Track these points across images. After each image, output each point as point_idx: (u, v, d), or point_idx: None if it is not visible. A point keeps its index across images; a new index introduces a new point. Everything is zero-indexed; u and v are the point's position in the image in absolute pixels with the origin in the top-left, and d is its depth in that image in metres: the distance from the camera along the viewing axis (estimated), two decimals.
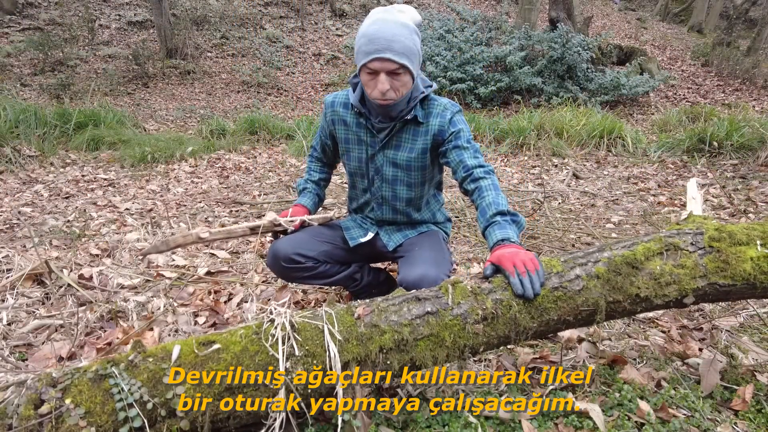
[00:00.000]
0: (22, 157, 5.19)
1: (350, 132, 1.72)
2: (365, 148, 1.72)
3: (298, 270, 1.73)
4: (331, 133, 1.79)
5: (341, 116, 1.72)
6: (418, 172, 1.70)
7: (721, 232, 1.36)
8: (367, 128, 1.67)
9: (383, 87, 1.47)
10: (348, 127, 1.72)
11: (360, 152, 1.74)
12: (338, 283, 1.88)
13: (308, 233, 1.79)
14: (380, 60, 1.43)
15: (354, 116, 1.69)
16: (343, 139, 1.75)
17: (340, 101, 1.72)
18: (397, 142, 1.67)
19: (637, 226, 3.23)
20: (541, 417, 1.29)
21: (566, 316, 1.28)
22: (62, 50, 10.02)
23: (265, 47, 11.64)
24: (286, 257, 1.70)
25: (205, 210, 3.70)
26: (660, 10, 15.68)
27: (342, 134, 1.75)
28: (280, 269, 1.74)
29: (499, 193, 1.46)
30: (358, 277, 1.89)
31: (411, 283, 1.48)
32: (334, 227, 1.88)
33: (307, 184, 1.94)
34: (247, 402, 1.08)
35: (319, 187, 1.96)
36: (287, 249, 1.71)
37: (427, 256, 1.61)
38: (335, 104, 1.73)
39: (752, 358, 1.62)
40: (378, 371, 1.17)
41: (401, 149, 1.67)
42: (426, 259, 1.58)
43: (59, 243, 2.88)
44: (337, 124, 1.74)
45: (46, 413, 0.96)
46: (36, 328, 1.83)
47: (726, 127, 5.12)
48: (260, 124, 6.83)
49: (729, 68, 10.07)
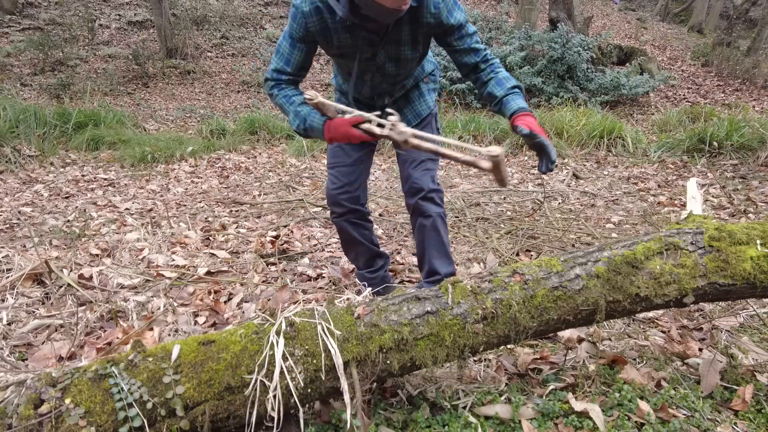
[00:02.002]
0: (22, 157, 5.19)
1: (347, 36, 1.58)
2: (364, 51, 1.62)
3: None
4: (310, 41, 1.60)
5: (328, 24, 1.55)
6: (416, 57, 1.71)
7: (721, 231, 1.36)
8: (361, 33, 1.57)
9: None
10: (339, 35, 1.57)
11: (356, 53, 1.63)
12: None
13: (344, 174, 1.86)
14: None
15: (340, 24, 1.55)
16: (336, 46, 1.61)
17: (316, 7, 1.52)
18: (396, 38, 1.60)
19: (637, 226, 3.23)
20: (541, 417, 1.29)
21: (566, 316, 1.28)
22: (62, 50, 10.02)
23: (265, 47, 11.63)
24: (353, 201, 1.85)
25: (205, 210, 3.70)
26: (660, 10, 15.68)
27: (340, 40, 1.59)
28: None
29: (506, 72, 1.62)
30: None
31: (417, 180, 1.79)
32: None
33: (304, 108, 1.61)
34: (247, 402, 1.08)
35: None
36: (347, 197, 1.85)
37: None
38: (317, 11, 1.53)
39: (752, 358, 1.62)
40: (378, 371, 1.17)
41: (401, 44, 1.62)
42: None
43: (59, 243, 2.88)
44: (325, 33, 1.57)
45: (46, 413, 0.96)
46: (36, 328, 1.83)
47: (726, 127, 5.12)
48: (260, 124, 6.82)
49: (729, 68, 10.07)
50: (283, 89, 1.64)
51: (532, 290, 1.25)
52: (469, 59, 1.63)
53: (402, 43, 1.61)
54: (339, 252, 2.77)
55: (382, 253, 2.06)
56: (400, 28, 1.57)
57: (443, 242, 1.90)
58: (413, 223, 1.94)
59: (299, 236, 3.02)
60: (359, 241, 1.97)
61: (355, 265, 2.05)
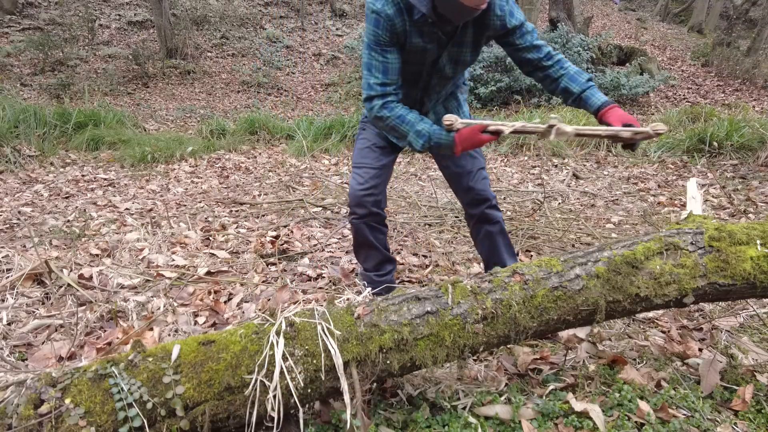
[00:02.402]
0: (22, 157, 5.19)
1: (419, 40, 1.58)
2: (430, 53, 1.62)
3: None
4: (396, 43, 1.57)
5: (406, 27, 1.54)
6: (472, 61, 1.72)
7: (721, 231, 1.36)
8: (434, 33, 1.57)
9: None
10: (418, 36, 1.57)
11: (424, 57, 1.63)
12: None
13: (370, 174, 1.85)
14: None
15: (417, 24, 1.54)
16: (411, 49, 1.59)
17: (398, 5, 1.50)
18: (460, 40, 1.61)
19: (637, 226, 3.23)
20: (541, 417, 1.29)
21: (566, 316, 1.28)
22: (62, 50, 10.03)
23: (265, 47, 11.64)
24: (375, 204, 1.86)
25: (205, 210, 3.70)
26: (660, 10, 15.67)
27: (412, 43, 1.58)
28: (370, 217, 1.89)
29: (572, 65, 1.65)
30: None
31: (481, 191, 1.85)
32: (370, 144, 1.88)
33: (423, 123, 1.59)
34: (247, 402, 1.08)
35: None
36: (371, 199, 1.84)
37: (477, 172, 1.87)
38: (387, 5, 1.50)
39: (752, 359, 1.62)
40: (378, 371, 1.17)
41: (464, 46, 1.63)
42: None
43: (59, 243, 2.88)
44: (403, 35, 1.55)
45: (46, 413, 0.96)
46: (36, 328, 1.83)
47: (726, 127, 5.12)
48: (260, 124, 6.83)
49: (729, 68, 10.07)
50: (392, 109, 1.59)
51: (532, 290, 1.25)
52: (532, 56, 1.64)
53: (465, 45, 1.63)
54: (339, 252, 2.77)
55: (393, 259, 2.07)
56: (465, 30, 1.59)
57: (510, 242, 1.98)
58: (477, 231, 1.97)
59: (299, 236, 3.02)
60: (374, 245, 1.96)
61: (363, 267, 2.04)
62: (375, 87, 1.59)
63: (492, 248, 1.96)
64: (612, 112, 1.53)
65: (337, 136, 6.34)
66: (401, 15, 1.52)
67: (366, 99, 1.63)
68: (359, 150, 1.91)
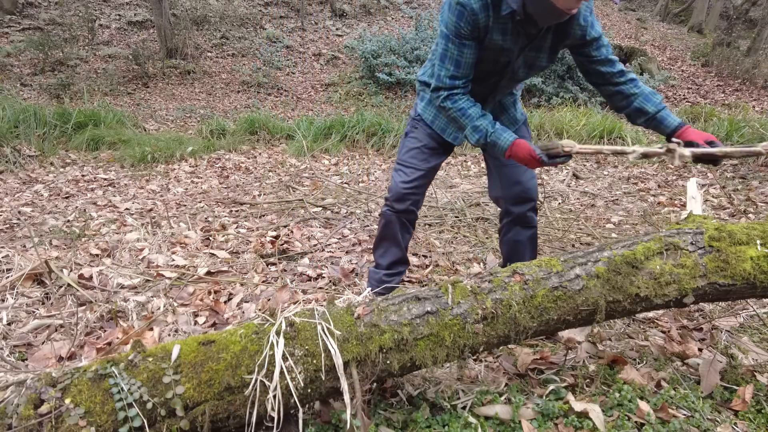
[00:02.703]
0: (22, 157, 5.19)
1: (499, 37, 1.54)
2: (507, 53, 1.59)
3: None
4: (476, 37, 1.53)
5: (489, 23, 1.50)
6: (547, 68, 1.72)
7: (721, 231, 1.36)
8: (517, 33, 1.53)
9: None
10: (500, 33, 1.53)
11: (500, 57, 1.60)
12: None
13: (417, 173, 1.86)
14: None
15: (501, 20, 1.50)
16: (489, 46, 1.55)
17: (484, 3, 1.47)
18: (539, 44, 1.59)
19: (637, 226, 3.23)
20: (541, 417, 1.29)
21: (566, 316, 1.28)
22: (62, 50, 10.02)
23: (265, 47, 11.64)
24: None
25: (205, 210, 3.70)
26: (660, 10, 15.67)
27: (492, 40, 1.54)
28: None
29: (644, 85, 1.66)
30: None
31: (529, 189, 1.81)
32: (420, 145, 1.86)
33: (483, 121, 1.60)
34: (247, 402, 1.08)
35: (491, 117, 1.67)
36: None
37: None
38: (485, 8, 1.48)
39: (752, 359, 1.62)
40: (378, 371, 1.17)
41: (542, 51, 1.61)
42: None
43: (59, 243, 2.88)
44: (485, 30, 1.52)
45: (46, 413, 0.96)
46: (36, 328, 1.83)
47: (726, 127, 5.12)
48: (260, 124, 6.83)
49: (729, 68, 10.07)
50: (456, 101, 1.59)
51: (532, 290, 1.25)
52: (605, 69, 1.63)
53: (542, 50, 1.61)
54: (339, 252, 2.77)
55: (407, 261, 2.07)
56: (546, 35, 1.57)
57: (536, 251, 1.96)
58: (507, 230, 1.93)
59: (299, 236, 3.02)
60: (398, 241, 1.96)
61: (377, 262, 2.03)
62: (444, 79, 1.58)
63: (517, 253, 1.93)
64: (691, 131, 1.55)
65: (337, 136, 6.34)
66: (486, 10, 1.48)
67: (433, 89, 1.63)
68: (408, 150, 1.89)
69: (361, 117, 6.55)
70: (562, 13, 1.40)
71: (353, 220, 3.39)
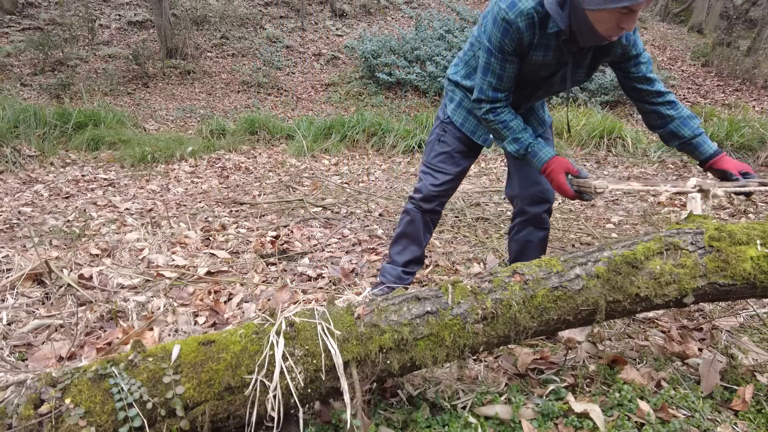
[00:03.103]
0: (22, 157, 5.19)
1: (541, 53, 1.53)
2: (547, 68, 1.59)
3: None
4: (518, 54, 1.53)
5: (534, 40, 1.49)
6: (584, 81, 1.71)
7: (721, 231, 1.36)
8: (561, 50, 1.52)
9: (632, 25, 1.35)
10: (543, 49, 1.52)
11: (540, 71, 1.60)
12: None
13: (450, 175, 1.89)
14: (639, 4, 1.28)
15: (546, 38, 1.49)
16: (530, 61, 1.55)
17: (531, 18, 1.45)
18: (580, 61, 1.58)
19: (637, 226, 3.23)
20: (541, 417, 1.29)
21: (566, 316, 1.28)
22: (62, 50, 10.02)
23: (265, 47, 11.64)
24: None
25: (205, 210, 3.70)
26: (660, 10, 15.66)
27: (534, 56, 1.53)
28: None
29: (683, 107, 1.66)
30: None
31: (547, 190, 1.81)
32: (450, 149, 1.87)
33: (524, 135, 1.61)
34: (247, 402, 1.08)
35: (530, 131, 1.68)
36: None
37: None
38: (521, 17, 1.45)
39: (752, 359, 1.62)
40: (378, 371, 1.17)
41: (581, 67, 1.60)
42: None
43: (59, 243, 2.88)
44: (531, 47, 1.51)
45: (46, 413, 0.96)
46: (36, 328, 1.83)
47: (726, 127, 5.12)
48: (260, 124, 6.83)
49: (729, 68, 10.06)
50: (498, 114, 1.61)
51: (532, 290, 1.25)
52: (642, 87, 1.62)
53: (582, 66, 1.60)
54: (339, 252, 2.77)
55: (423, 261, 2.07)
56: (588, 52, 1.56)
57: (545, 253, 1.94)
58: (519, 230, 1.92)
59: (299, 236, 3.02)
60: (419, 240, 1.96)
61: (393, 259, 2.01)
62: (486, 92, 1.59)
63: (525, 252, 1.92)
64: (726, 160, 1.58)
65: (337, 136, 6.34)
66: (533, 29, 1.47)
67: (475, 99, 1.64)
68: (438, 154, 1.89)
69: (361, 117, 6.56)
70: (602, 38, 1.41)
71: (353, 220, 3.39)
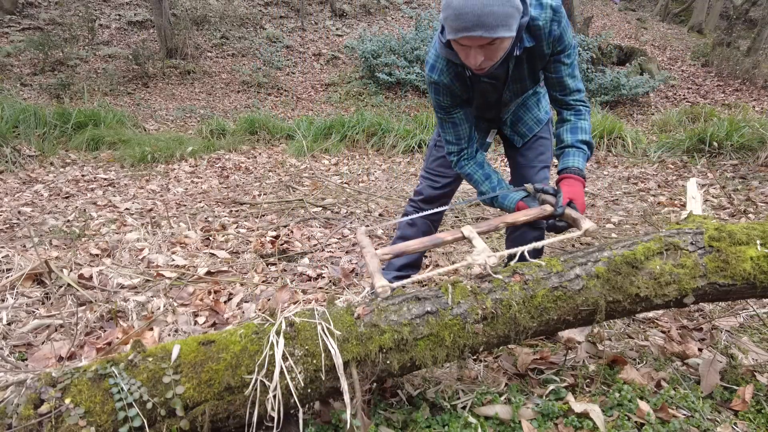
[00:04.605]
0: (22, 157, 5.19)
1: (476, 90, 1.58)
2: (489, 92, 1.61)
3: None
4: (458, 104, 1.61)
5: (466, 83, 1.55)
6: (537, 84, 1.71)
7: (721, 231, 1.36)
8: (485, 85, 1.56)
9: (475, 61, 1.33)
10: (467, 87, 1.57)
11: (488, 95, 1.63)
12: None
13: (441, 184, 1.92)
14: (469, 39, 1.26)
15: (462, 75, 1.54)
16: (478, 90, 1.60)
17: (444, 69, 1.52)
18: (519, 75, 1.56)
19: (637, 226, 3.23)
20: (541, 417, 1.29)
21: (566, 316, 1.28)
22: (62, 50, 10.02)
23: (265, 47, 11.64)
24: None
25: (205, 210, 3.70)
26: (660, 10, 15.66)
27: (479, 87, 1.58)
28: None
29: (590, 125, 1.59)
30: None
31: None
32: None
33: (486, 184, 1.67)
34: (247, 402, 1.08)
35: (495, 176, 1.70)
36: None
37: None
38: (443, 75, 1.53)
39: (752, 359, 1.62)
40: (378, 371, 1.17)
41: (524, 80, 1.59)
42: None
43: (59, 243, 2.88)
44: (471, 84, 1.57)
45: (46, 413, 0.96)
46: (36, 328, 1.83)
47: (726, 127, 5.12)
48: (260, 124, 6.83)
49: (729, 68, 10.06)
50: (463, 167, 1.70)
51: (532, 290, 1.25)
52: (554, 93, 1.60)
53: (524, 79, 1.59)
54: (339, 252, 2.77)
55: (419, 266, 2.09)
56: (520, 68, 1.54)
57: (541, 255, 1.93)
58: (513, 229, 1.91)
59: (299, 236, 3.02)
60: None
61: (389, 261, 2.03)
62: (449, 146, 1.69)
63: (521, 255, 1.91)
64: (567, 182, 1.50)
65: (337, 136, 6.34)
66: (459, 79, 1.53)
67: (447, 153, 1.74)
68: (435, 158, 1.94)
69: (361, 117, 6.55)
70: (476, 69, 1.39)
71: (353, 220, 3.39)
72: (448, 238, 1.42)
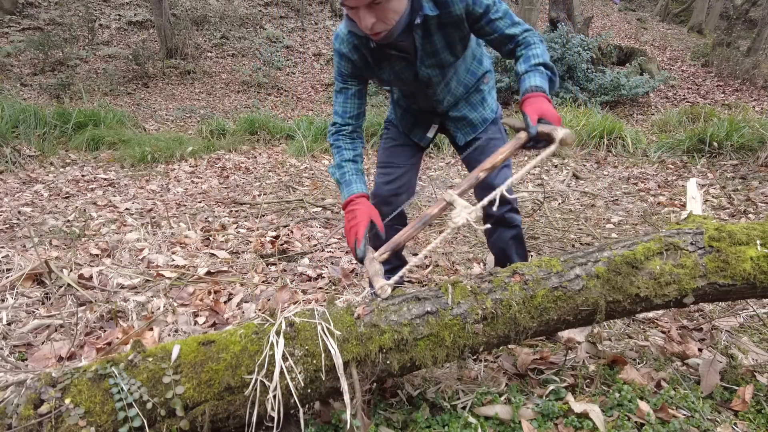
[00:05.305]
0: (22, 157, 5.19)
1: (387, 65, 1.56)
2: (407, 73, 1.58)
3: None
4: (357, 77, 1.60)
5: (368, 59, 1.54)
6: (460, 58, 1.61)
7: (721, 231, 1.36)
8: (393, 57, 1.53)
9: (366, 23, 1.31)
10: (385, 61, 1.55)
11: (403, 77, 1.59)
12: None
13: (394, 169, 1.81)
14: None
15: (377, 51, 1.52)
16: (384, 77, 1.60)
17: (345, 39, 1.52)
18: (431, 47, 1.51)
19: (637, 226, 3.23)
20: (541, 417, 1.29)
21: (566, 316, 1.28)
22: (62, 50, 10.03)
23: (265, 47, 11.64)
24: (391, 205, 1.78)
25: (205, 210, 3.70)
26: (660, 10, 15.67)
27: (382, 72, 1.58)
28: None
29: (546, 52, 1.47)
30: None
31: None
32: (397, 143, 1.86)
33: (345, 166, 1.63)
34: (247, 402, 1.08)
35: (358, 165, 1.67)
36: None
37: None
38: (343, 44, 1.53)
39: (752, 359, 1.62)
40: (378, 371, 1.17)
41: (438, 53, 1.53)
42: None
43: (59, 243, 2.88)
44: (372, 66, 1.56)
45: (46, 413, 0.96)
46: (36, 328, 1.83)
47: (726, 127, 5.12)
48: (260, 124, 6.83)
49: (729, 69, 10.06)
50: (338, 139, 1.65)
51: (532, 290, 1.25)
52: (507, 47, 1.51)
53: (438, 52, 1.54)
54: (339, 252, 2.77)
55: (400, 258, 2.02)
56: (431, 39, 1.50)
57: (524, 250, 1.90)
58: (491, 233, 1.88)
59: (299, 236, 3.02)
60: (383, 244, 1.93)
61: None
62: (335, 116, 1.66)
63: (505, 254, 1.89)
64: (530, 102, 1.38)
65: None
66: (358, 51, 1.52)
67: (331, 124, 1.69)
68: (386, 149, 1.89)
69: None
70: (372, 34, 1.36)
71: None
72: (435, 211, 1.37)
